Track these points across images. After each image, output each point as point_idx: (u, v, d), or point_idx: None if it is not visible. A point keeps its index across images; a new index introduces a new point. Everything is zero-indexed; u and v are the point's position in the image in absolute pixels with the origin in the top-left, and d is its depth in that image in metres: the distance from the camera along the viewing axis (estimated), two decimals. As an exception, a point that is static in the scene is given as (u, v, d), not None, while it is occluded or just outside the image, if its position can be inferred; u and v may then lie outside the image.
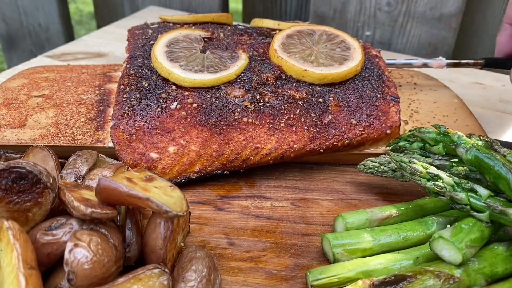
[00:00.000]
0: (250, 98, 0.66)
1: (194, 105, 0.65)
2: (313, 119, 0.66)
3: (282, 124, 0.65)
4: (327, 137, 0.66)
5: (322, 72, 0.67)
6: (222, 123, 0.65)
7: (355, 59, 0.71)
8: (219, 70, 0.68)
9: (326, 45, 0.73)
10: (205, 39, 0.74)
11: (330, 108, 0.67)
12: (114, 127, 0.65)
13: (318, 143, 0.66)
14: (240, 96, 0.66)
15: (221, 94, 0.66)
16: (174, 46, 0.71)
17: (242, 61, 0.69)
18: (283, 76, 0.69)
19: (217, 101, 0.65)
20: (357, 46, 0.73)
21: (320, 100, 0.67)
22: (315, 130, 0.66)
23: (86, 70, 0.83)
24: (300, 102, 0.67)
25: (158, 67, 0.68)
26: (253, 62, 0.70)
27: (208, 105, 0.65)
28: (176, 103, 0.65)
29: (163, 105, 0.65)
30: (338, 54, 0.71)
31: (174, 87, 0.67)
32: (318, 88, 0.68)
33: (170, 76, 0.66)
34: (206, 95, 0.66)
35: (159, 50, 0.70)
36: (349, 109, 0.68)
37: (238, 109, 0.65)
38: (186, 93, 0.66)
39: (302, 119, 0.66)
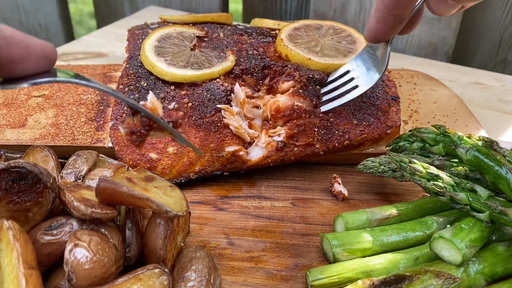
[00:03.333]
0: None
1: (190, 104, 0.65)
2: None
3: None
4: (330, 138, 0.66)
5: (325, 62, 0.67)
6: (216, 119, 0.64)
7: (360, 52, 0.70)
8: (203, 68, 0.67)
9: (332, 38, 0.73)
10: (199, 38, 0.74)
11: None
12: (113, 127, 0.65)
13: (319, 146, 0.65)
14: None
15: (212, 86, 0.66)
16: (165, 42, 0.71)
17: (228, 62, 0.69)
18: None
19: (209, 94, 0.65)
20: (363, 40, 0.73)
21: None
22: (322, 131, 0.65)
23: (86, 70, 0.83)
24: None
25: (144, 60, 0.68)
26: (253, 62, 0.70)
27: (201, 101, 0.65)
28: (174, 103, 0.65)
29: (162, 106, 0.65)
30: (343, 47, 0.71)
31: (172, 87, 0.66)
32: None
33: (153, 69, 0.67)
34: (198, 90, 0.66)
35: (148, 44, 0.70)
36: (350, 107, 0.67)
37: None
38: (183, 92, 0.66)
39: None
